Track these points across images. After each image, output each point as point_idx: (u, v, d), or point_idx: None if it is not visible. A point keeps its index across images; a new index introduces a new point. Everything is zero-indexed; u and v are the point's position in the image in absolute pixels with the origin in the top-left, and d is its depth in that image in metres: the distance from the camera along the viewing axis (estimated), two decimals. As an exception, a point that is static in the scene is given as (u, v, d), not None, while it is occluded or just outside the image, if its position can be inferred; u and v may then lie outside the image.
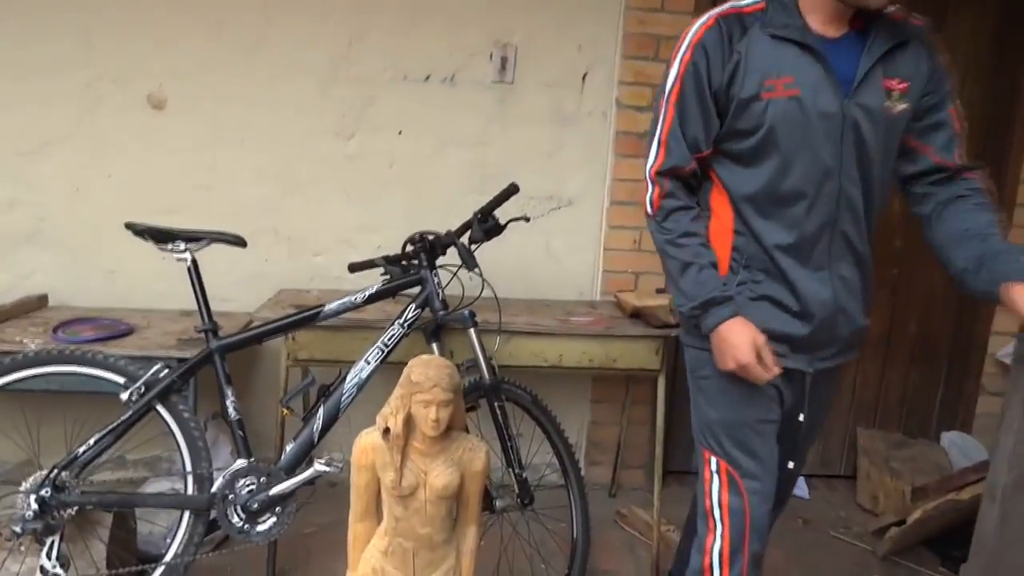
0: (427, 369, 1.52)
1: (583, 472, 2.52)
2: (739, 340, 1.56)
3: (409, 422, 1.54)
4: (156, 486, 2.58)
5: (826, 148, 1.55)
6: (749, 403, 1.66)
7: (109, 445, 2.07)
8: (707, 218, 1.68)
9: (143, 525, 2.33)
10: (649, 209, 1.68)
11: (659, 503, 2.55)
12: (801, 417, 1.72)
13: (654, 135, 1.65)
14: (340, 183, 2.87)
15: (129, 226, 2.10)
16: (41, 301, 2.73)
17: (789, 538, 2.85)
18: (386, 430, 1.54)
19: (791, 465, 1.80)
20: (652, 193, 1.66)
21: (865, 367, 3.33)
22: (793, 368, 1.67)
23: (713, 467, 1.69)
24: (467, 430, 1.66)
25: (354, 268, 2.30)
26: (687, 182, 1.68)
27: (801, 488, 3.27)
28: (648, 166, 1.66)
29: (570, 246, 3.00)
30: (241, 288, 2.84)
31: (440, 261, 2.24)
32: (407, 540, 1.58)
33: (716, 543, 1.66)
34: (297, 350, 2.37)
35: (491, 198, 2.23)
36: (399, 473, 1.53)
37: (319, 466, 1.98)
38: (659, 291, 2.75)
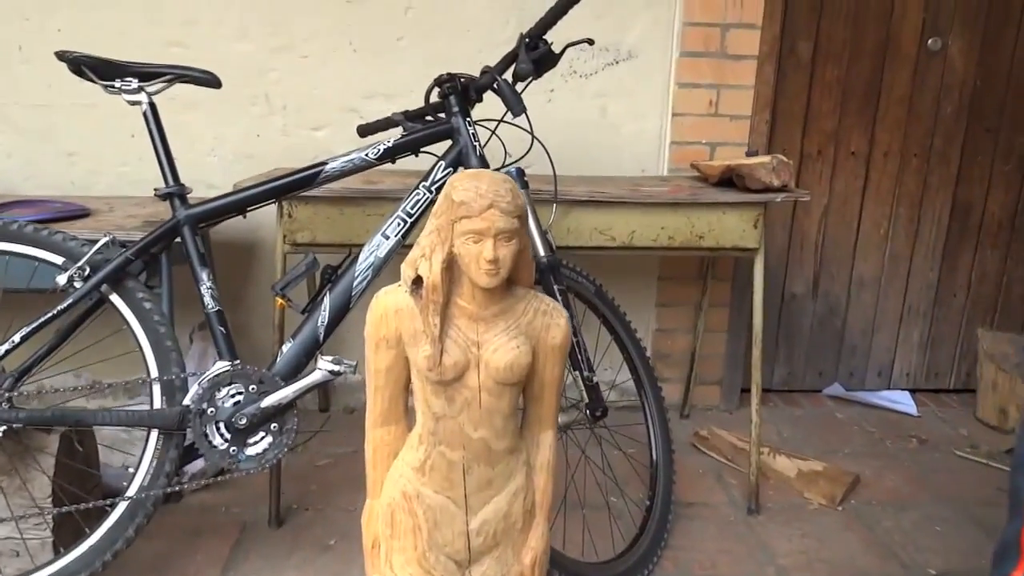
0: (477, 183, 0.97)
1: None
2: None
3: (451, 268, 1.01)
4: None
5: None
6: None
7: (53, 349, 1.58)
8: None
9: (115, 456, 1.86)
10: None
11: (758, 418, 2.02)
12: None
13: None
14: (344, 36, 2.30)
15: (62, 56, 1.57)
16: (-18, 188, 2.22)
17: (906, 459, 2.37)
18: (416, 281, 1.01)
19: None
20: None
21: (983, 259, 2.77)
22: None
23: None
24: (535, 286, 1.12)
25: (365, 131, 1.90)
26: None
27: (908, 403, 2.75)
28: None
29: (630, 111, 2.43)
30: (228, 171, 2.31)
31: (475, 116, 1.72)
32: (453, 449, 1.06)
33: None
34: (295, 231, 1.85)
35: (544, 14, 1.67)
36: (438, 346, 1.00)
37: (325, 364, 1.47)
38: (749, 154, 2.18)
